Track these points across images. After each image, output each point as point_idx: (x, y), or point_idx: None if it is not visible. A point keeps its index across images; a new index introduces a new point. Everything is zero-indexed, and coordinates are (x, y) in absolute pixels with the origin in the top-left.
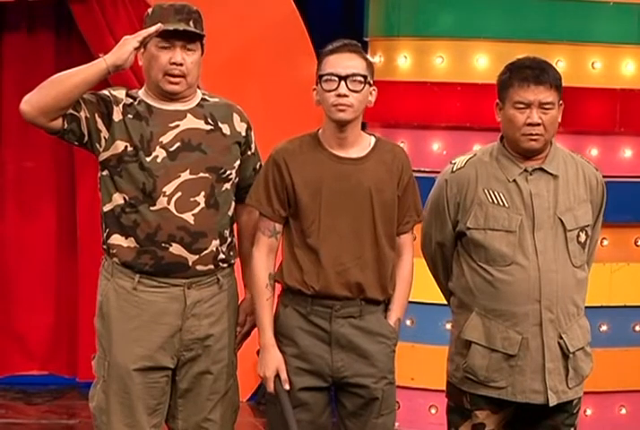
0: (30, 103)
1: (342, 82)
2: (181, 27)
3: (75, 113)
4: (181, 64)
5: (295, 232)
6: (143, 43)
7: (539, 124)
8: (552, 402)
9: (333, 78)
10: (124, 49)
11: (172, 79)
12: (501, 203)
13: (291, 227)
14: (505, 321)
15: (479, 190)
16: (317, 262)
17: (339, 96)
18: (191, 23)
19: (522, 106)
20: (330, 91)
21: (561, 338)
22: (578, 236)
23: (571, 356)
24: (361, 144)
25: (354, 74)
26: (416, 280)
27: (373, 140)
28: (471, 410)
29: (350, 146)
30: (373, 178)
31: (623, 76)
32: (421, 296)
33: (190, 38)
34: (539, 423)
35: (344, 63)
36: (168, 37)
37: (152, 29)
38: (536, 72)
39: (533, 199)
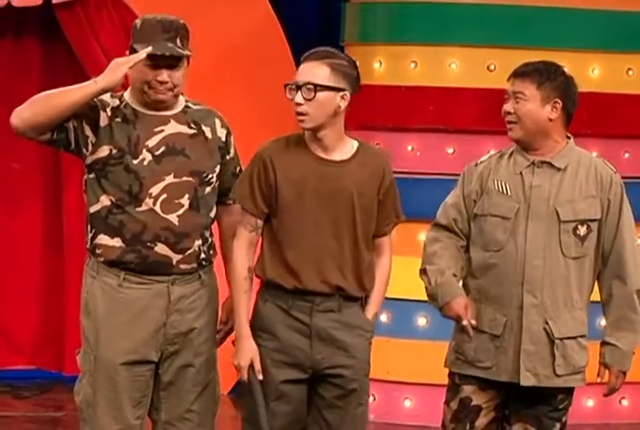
0: (21, 118)
1: (299, 91)
2: (167, 52)
3: (64, 124)
4: (166, 82)
5: (276, 229)
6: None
7: (509, 113)
8: (528, 383)
9: (293, 87)
10: (115, 75)
11: (159, 90)
12: (504, 192)
13: (272, 224)
14: (494, 304)
15: (489, 180)
16: (298, 259)
17: (296, 105)
18: (177, 41)
19: (506, 96)
20: (292, 100)
21: (547, 323)
22: (576, 228)
23: (558, 342)
24: (344, 148)
25: (307, 83)
26: (392, 277)
27: (356, 144)
28: (459, 385)
29: (332, 149)
30: (355, 181)
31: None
32: (397, 292)
33: (176, 59)
34: (524, 410)
35: (305, 71)
36: (156, 59)
37: (142, 54)
38: (522, 68)
39: (533, 190)
